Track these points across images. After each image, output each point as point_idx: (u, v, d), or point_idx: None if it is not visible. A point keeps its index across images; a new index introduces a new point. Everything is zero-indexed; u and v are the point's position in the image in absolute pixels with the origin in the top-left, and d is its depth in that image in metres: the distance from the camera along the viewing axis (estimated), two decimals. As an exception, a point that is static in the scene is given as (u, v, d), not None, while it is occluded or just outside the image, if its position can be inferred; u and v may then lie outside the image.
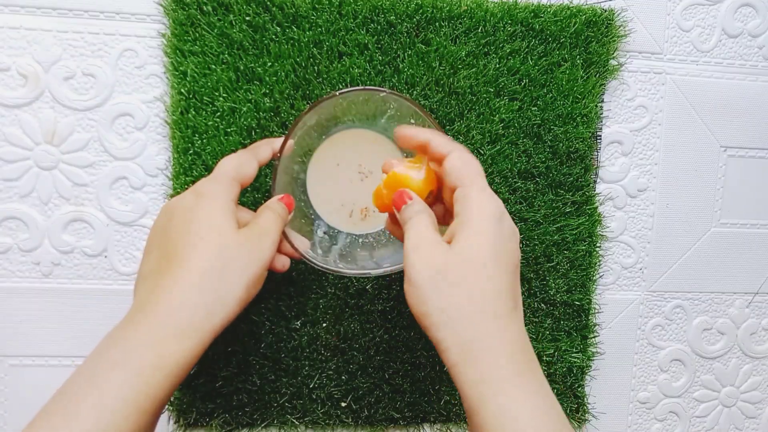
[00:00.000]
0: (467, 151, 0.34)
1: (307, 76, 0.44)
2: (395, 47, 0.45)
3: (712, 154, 0.51)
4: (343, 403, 0.47)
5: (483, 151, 0.46)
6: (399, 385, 0.47)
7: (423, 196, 0.35)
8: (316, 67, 0.44)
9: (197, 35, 0.43)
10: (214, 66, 0.43)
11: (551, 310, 0.48)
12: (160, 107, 0.45)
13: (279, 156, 0.37)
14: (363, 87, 0.43)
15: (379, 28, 0.44)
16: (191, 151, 0.44)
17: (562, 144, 0.47)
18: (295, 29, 0.44)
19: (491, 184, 0.47)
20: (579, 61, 0.47)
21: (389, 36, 0.45)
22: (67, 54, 0.44)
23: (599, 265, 0.50)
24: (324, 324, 0.46)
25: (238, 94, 0.44)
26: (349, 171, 0.44)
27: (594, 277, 0.49)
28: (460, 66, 0.46)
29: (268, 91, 0.44)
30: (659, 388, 0.52)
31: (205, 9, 0.43)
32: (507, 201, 0.47)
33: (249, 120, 0.44)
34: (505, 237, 0.32)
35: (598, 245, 0.49)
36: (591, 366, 0.50)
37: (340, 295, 0.46)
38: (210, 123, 0.44)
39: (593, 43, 0.47)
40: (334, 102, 0.38)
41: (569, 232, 0.48)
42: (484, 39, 0.46)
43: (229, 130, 0.44)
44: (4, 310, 0.45)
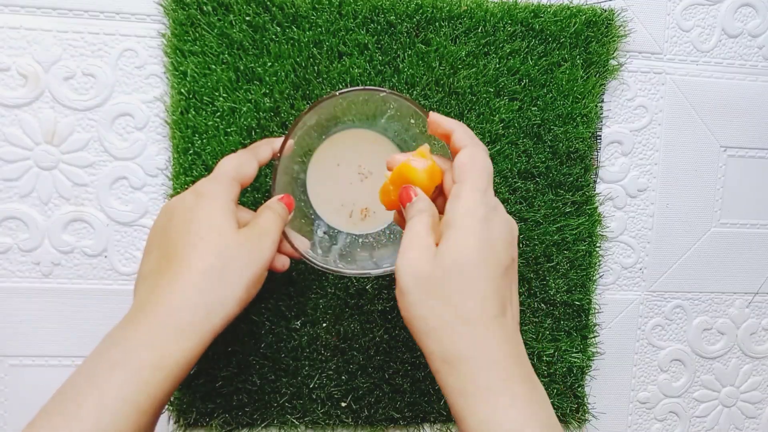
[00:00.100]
0: (482, 150, 0.33)
1: (307, 76, 0.44)
2: (395, 47, 0.45)
3: (712, 154, 0.51)
4: (343, 403, 0.47)
5: (483, 151, 0.46)
6: (399, 385, 0.47)
7: (429, 190, 0.35)
8: (316, 67, 0.44)
9: (197, 35, 0.43)
10: (214, 66, 0.43)
11: (551, 310, 0.48)
12: (160, 107, 0.45)
13: (279, 156, 0.37)
14: (363, 87, 0.43)
15: (379, 28, 0.44)
16: (191, 151, 0.44)
17: (562, 144, 0.47)
18: (295, 29, 0.44)
19: (491, 184, 0.47)
20: (579, 61, 0.47)
21: (389, 36, 0.45)
22: (67, 54, 0.44)
23: (599, 265, 0.50)
24: (324, 324, 0.46)
25: (238, 94, 0.44)
26: (349, 171, 0.44)
27: (594, 277, 0.49)
28: (460, 66, 0.46)
29: (268, 91, 0.44)
30: (659, 388, 0.52)
31: (205, 9, 0.43)
32: (507, 201, 0.47)
33: (249, 120, 0.44)
34: (493, 239, 0.31)
35: (598, 245, 0.49)
36: (591, 366, 0.50)
37: (340, 295, 0.46)
38: (210, 123, 0.44)
39: (593, 43, 0.47)
40: (334, 102, 0.38)
41: (569, 232, 0.48)
42: (484, 39, 0.46)
43: (229, 130, 0.44)
44: (4, 310, 0.45)
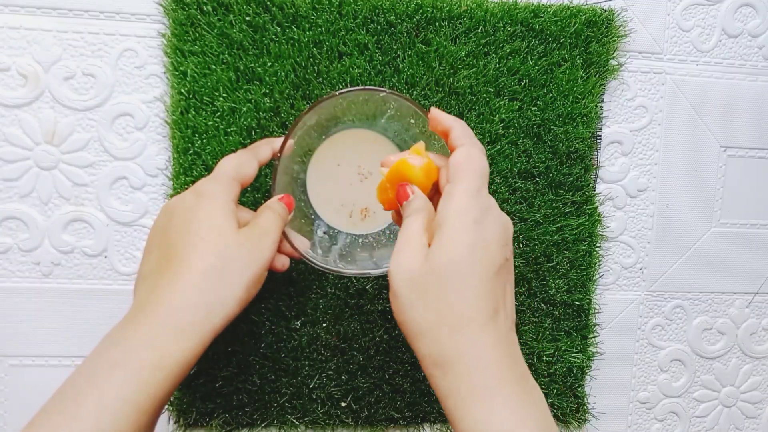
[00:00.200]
0: (478, 149, 0.33)
1: (307, 76, 0.44)
2: (395, 47, 0.45)
3: (712, 154, 0.51)
4: (343, 403, 0.47)
5: (483, 151, 0.46)
6: (399, 385, 0.47)
7: (426, 188, 0.34)
8: (316, 67, 0.44)
9: (197, 35, 0.43)
10: (214, 66, 0.43)
11: (551, 310, 0.48)
12: (160, 107, 0.45)
13: (279, 156, 0.37)
14: (363, 87, 0.43)
15: (379, 28, 0.44)
16: (191, 151, 0.44)
17: (562, 144, 0.47)
18: (295, 29, 0.44)
19: (491, 184, 0.47)
20: (579, 61, 0.47)
21: (389, 36, 0.45)
22: (67, 54, 0.44)
23: (599, 265, 0.50)
24: (324, 324, 0.46)
25: (238, 94, 0.44)
26: (349, 171, 0.44)
27: (594, 277, 0.49)
28: (460, 66, 0.46)
29: (268, 91, 0.44)
30: (659, 388, 0.52)
31: (205, 9, 0.43)
32: (507, 201, 0.47)
33: (249, 120, 0.44)
34: (485, 239, 0.30)
35: (598, 245, 0.49)
36: (591, 366, 0.50)
37: (340, 295, 0.46)
38: (210, 123, 0.44)
39: (593, 43, 0.47)
40: (334, 102, 0.38)
41: (569, 232, 0.48)
42: (484, 39, 0.46)
43: (229, 130, 0.44)
44: (4, 310, 0.45)
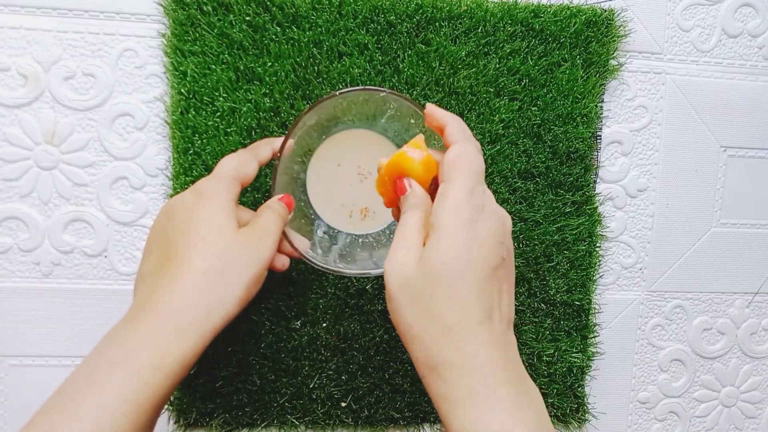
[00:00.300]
0: (473, 147, 0.32)
1: (307, 76, 0.44)
2: (395, 47, 0.45)
3: (712, 154, 0.51)
4: (343, 403, 0.47)
5: (483, 151, 0.46)
6: (399, 385, 0.47)
7: (425, 182, 0.34)
8: (316, 67, 0.44)
9: (197, 35, 0.43)
10: (214, 66, 0.43)
11: (551, 310, 0.48)
12: (160, 107, 0.45)
13: (279, 156, 0.37)
14: (363, 87, 0.43)
15: (379, 28, 0.44)
16: (191, 151, 0.44)
17: (562, 144, 0.47)
18: (295, 29, 0.44)
19: (491, 184, 0.47)
20: (579, 61, 0.47)
21: (389, 36, 0.45)
22: (67, 54, 0.44)
23: (599, 265, 0.50)
24: (324, 324, 0.46)
25: (238, 94, 0.44)
26: (349, 171, 0.44)
27: (594, 277, 0.49)
28: (460, 66, 0.46)
29: (268, 91, 0.44)
30: (659, 388, 0.52)
31: (205, 9, 0.43)
32: (507, 201, 0.47)
33: (249, 120, 0.44)
34: (479, 240, 0.30)
35: (598, 245, 0.49)
36: (591, 366, 0.50)
37: (340, 295, 0.46)
38: (210, 123, 0.44)
39: (593, 43, 0.47)
40: (334, 102, 0.38)
41: (569, 232, 0.48)
42: (484, 39, 0.46)
43: (229, 130, 0.44)
44: (4, 310, 0.45)
